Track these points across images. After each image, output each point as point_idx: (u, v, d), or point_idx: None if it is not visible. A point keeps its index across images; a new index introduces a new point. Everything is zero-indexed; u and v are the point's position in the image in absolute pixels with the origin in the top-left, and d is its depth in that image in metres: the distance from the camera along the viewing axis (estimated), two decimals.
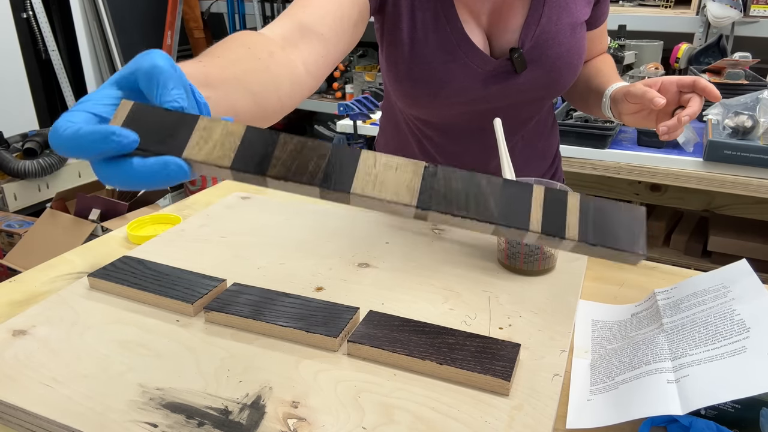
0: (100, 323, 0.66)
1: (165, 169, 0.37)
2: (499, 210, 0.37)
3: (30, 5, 2.53)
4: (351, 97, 2.66)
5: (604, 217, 0.38)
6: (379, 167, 0.38)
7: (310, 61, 0.65)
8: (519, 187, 0.38)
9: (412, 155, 0.96)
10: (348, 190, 0.37)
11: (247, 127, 0.38)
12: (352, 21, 0.72)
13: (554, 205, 0.38)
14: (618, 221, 0.38)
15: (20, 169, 2.13)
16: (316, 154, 0.38)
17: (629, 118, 0.82)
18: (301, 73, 0.63)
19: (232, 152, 0.37)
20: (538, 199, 0.38)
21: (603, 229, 0.37)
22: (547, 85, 0.85)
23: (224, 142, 0.37)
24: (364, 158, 0.38)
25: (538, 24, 0.81)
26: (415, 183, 0.38)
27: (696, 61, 1.99)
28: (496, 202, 0.38)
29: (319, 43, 0.67)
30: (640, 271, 0.80)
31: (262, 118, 0.57)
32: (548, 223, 0.37)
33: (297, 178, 0.37)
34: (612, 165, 1.63)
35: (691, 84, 0.75)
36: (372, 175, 0.38)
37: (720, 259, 1.85)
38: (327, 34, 0.68)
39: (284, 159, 0.37)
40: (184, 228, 0.89)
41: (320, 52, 0.67)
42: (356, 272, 0.77)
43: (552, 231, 0.37)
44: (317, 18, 0.68)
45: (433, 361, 0.58)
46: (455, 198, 0.38)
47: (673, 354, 0.55)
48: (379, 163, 0.38)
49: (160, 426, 0.52)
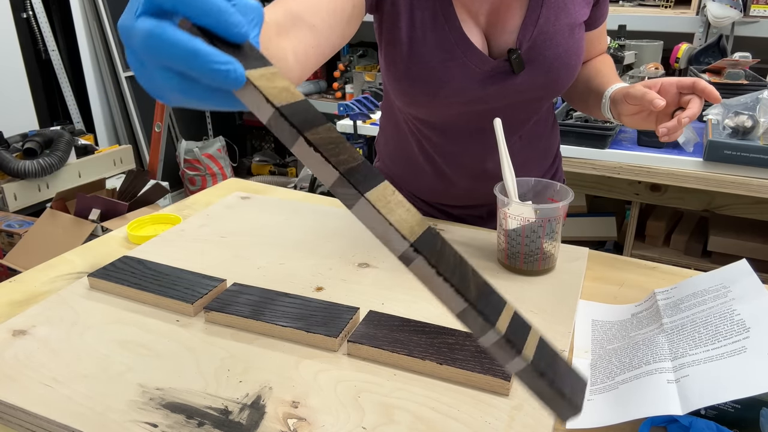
0: (100, 323, 0.66)
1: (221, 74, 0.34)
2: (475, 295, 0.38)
3: (30, 5, 2.53)
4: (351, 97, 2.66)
5: (557, 361, 0.39)
6: (395, 199, 0.39)
7: (300, 50, 0.65)
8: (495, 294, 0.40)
9: (412, 155, 0.96)
10: (363, 192, 0.37)
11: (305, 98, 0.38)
12: (346, 15, 0.73)
13: (520, 325, 0.39)
14: (566, 373, 0.39)
15: (20, 169, 2.13)
16: (349, 153, 0.39)
17: (629, 119, 0.82)
18: (290, 62, 0.63)
19: (284, 101, 0.37)
20: (509, 311, 0.39)
21: (553, 368, 0.38)
22: (545, 85, 0.85)
23: (282, 92, 0.37)
24: (385, 185, 0.39)
25: (536, 25, 0.81)
26: (418, 229, 0.39)
27: (696, 61, 1.99)
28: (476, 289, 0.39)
29: (310, 34, 0.67)
30: (640, 271, 0.81)
31: None
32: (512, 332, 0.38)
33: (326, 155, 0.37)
34: (612, 165, 1.63)
35: (691, 85, 0.75)
36: (385, 200, 0.38)
37: (720, 259, 1.85)
38: (319, 26, 0.68)
39: (323, 136, 0.38)
40: (184, 228, 0.89)
41: (311, 43, 0.67)
42: (356, 272, 0.77)
43: (513, 340, 0.37)
44: (310, 9, 0.68)
45: (433, 361, 0.58)
46: (445, 262, 0.39)
47: (673, 354, 0.55)
48: (397, 198, 0.39)
49: (160, 426, 0.52)
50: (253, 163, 3.50)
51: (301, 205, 0.97)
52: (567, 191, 0.77)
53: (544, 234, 0.74)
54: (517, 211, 0.73)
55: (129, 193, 2.21)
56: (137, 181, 2.24)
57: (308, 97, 2.96)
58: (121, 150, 2.57)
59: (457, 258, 0.40)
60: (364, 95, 2.11)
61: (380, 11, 0.82)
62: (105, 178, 2.33)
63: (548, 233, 0.74)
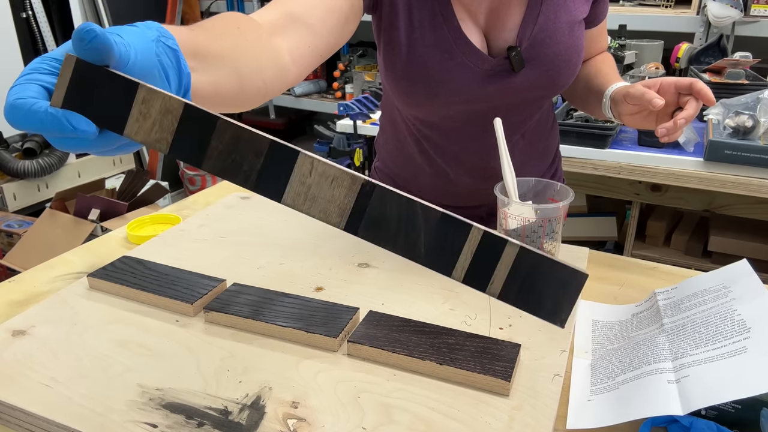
0: (99, 323, 0.66)
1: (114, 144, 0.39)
2: (426, 248, 0.35)
3: (30, 5, 2.52)
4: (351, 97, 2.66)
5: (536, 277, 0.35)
6: (314, 176, 0.36)
7: (296, 50, 0.65)
8: (456, 225, 0.36)
9: (411, 155, 0.96)
10: (279, 199, 0.36)
11: (185, 104, 0.36)
12: (343, 16, 0.72)
13: (487, 254, 0.36)
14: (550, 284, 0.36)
15: (20, 169, 2.13)
16: (252, 150, 0.36)
17: (629, 118, 0.82)
18: (287, 62, 0.63)
19: (170, 136, 0.36)
20: (472, 242, 0.36)
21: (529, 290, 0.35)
22: (546, 84, 0.85)
23: (162, 121, 0.36)
24: (300, 164, 0.36)
25: (535, 23, 0.81)
26: (347, 202, 0.36)
27: (696, 61, 1.99)
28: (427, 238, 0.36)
29: (307, 34, 0.67)
30: (641, 271, 0.80)
31: (243, 100, 0.57)
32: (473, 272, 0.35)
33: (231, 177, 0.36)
34: (612, 165, 1.62)
35: (689, 86, 0.75)
36: (306, 185, 0.36)
37: (720, 259, 1.85)
38: (316, 26, 0.68)
39: (221, 150, 0.36)
40: (184, 228, 0.89)
41: (307, 43, 0.67)
42: (356, 272, 0.77)
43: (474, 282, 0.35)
44: (307, 9, 0.68)
45: (433, 362, 0.57)
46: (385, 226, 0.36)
47: (674, 354, 0.55)
48: (316, 172, 0.36)
49: (159, 426, 0.52)
50: None
51: None
52: (567, 191, 0.77)
53: (545, 234, 0.74)
54: (518, 211, 0.73)
55: (129, 193, 2.21)
56: (137, 181, 2.24)
57: (308, 96, 2.96)
58: None
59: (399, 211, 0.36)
60: (364, 95, 2.11)
61: (378, 12, 0.82)
62: (104, 178, 2.33)
63: (548, 233, 0.74)
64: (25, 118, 0.36)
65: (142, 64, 0.39)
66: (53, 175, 2.26)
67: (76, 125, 0.36)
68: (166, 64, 0.42)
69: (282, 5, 0.67)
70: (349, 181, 0.36)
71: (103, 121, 0.37)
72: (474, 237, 0.36)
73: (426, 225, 0.36)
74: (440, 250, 0.36)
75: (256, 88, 0.57)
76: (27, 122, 0.36)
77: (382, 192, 0.36)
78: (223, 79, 0.52)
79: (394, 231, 0.36)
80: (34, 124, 0.36)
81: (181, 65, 0.43)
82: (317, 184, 0.36)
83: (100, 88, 0.36)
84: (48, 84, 0.38)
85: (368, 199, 0.36)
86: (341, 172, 0.36)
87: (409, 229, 0.36)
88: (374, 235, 0.36)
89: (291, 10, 0.67)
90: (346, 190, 0.36)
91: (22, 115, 0.36)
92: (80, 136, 0.37)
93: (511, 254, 0.36)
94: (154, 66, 0.41)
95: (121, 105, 0.36)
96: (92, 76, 0.36)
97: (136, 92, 0.36)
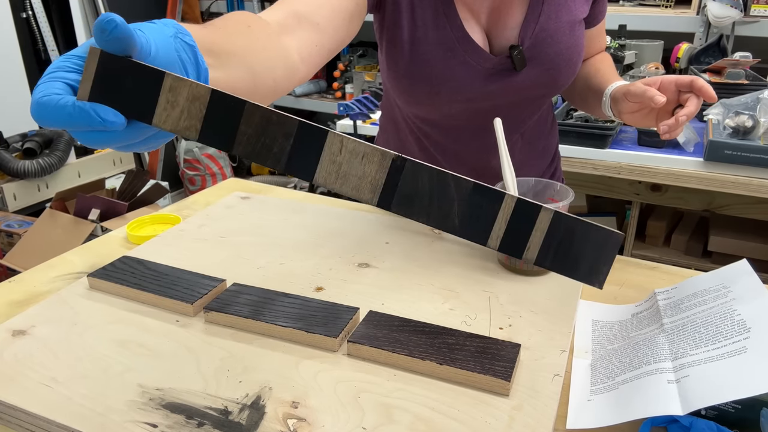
0: (99, 323, 0.66)
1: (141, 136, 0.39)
2: (460, 218, 0.36)
3: (30, 5, 2.52)
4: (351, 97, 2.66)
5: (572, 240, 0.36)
6: (345, 154, 0.36)
7: (304, 49, 0.66)
8: (489, 194, 0.36)
9: (412, 154, 0.96)
10: (311, 179, 0.36)
11: (212, 90, 0.37)
12: (348, 14, 0.73)
13: (521, 220, 0.36)
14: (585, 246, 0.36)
15: (20, 169, 2.13)
16: (281, 132, 0.36)
17: (629, 117, 0.83)
18: (295, 61, 0.64)
19: (198, 123, 0.36)
20: (506, 210, 0.36)
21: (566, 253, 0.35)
22: (547, 82, 0.85)
23: (191, 108, 0.36)
24: (330, 143, 0.36)
25: (537, 22, 0.82)
26: (379, 178, 0.36)
27: (696, 61, 1.99)
28: (460, 208, 0.36)
29: (314, 33, 0.68)
30: (641, 271, 0.80)
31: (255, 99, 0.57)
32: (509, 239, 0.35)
33: (262, 160, 0.36)
34: (612, 165, 1.63)
35: (689, 83, 0.75)
36: (336, 164, 0.36)
37: (720, 259, 1.85)
38: (322, 24, 0.69)
39: (250, 134, 0.36)
40: (184, 228, 0.89)
41: (314, 42, 0.67)
42: (356, 272, 0.77)
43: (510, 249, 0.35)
44: (313, 8, 0.68)
45: (433, 362, 0.57)
46: (418, 199, 0.36)
47: (674, 354, 0.55)
48: (346, 150, 0.36)
49: (159, 426, 0.52)
50: (253, 163, 3.50)
51: (301, 205, 0.97)
52: (567, 191, 0.77)
53: None
54: None
55: (129, 193, 2.21)
56: (137, 181, 2.23)
57: (308, 96, 2.96)
58: None
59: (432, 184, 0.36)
60: (364, 95, 2.11)
61: (381, 10, 0.82)
62: (105, 178, 2.33)
63: None
64: (53, 114, 0.36)
65: (163, 58, 0.39)
66: (53, 175, 2.26)
67: (104, 117, 0.36)
68: (185, 59, 0.42)
69: (288, 5, 0.67)
70: (379, 157, 0.36)
71: (131, 111, 0.37)
72: (507, 205, 0.36)
73: (459, 196, 0.36)
74: (474, 220, 0.36)
75: (267, 87, 0.57)
76: (55, 118, 0.36)
77: (414, 166, 0.36)
78: (238, 77, 0.52)
79: (427, 203, 0.36)
80: (63, 118, 0.36)
81: (198, 61, 0.43)
82: (348, 161, 0.36)
83: (125, 79, 0.36)
84: (72, 81, 0.38)
85: (400, 174, 0.36)
86: (371, 149, 0.36)
87: (442, 201, 0.36)
88: (407, 209, 0.36)
89: (297, 10, 0.67)
90: (377, 166, 0.36)
91: (50, 111, 0.36)
92: (108, 128, 0.37)
93: (545, 220, 0.36)
94: (175, 61, 0.41)
95: (148, 94, 0.36)
96: (117, 67, 0.36)
97: (163, 81, 0.36)
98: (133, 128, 0.38)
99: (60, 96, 0.36)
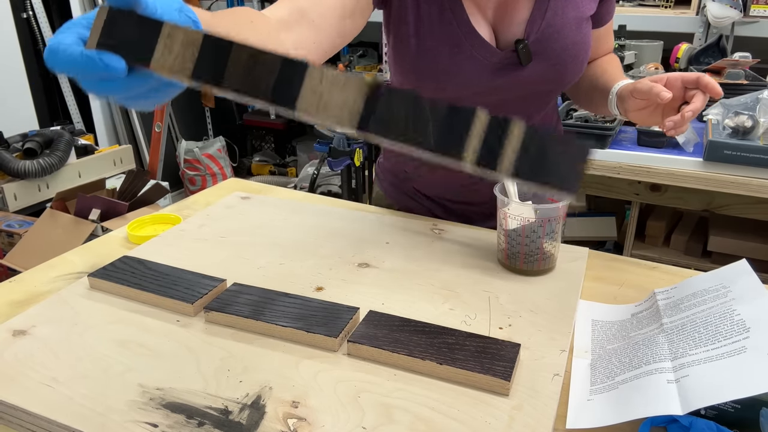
0: (100, 323, 0.66)
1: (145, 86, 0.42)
2: (435, 137, 0.38)
3: (30, 5, 2.53)
4: None
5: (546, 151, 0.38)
6: (325, 84, 0.39)
7: (301, 46, 0.66)
8: (463, 113, 0.39)
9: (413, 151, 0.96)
10: (293, 108, 0.39)
11: (204, 35, 0.40)
12: (348, 11, 0.74)
13: (495, 134, 0.38)
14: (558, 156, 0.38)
15: (20, 169, 2.13)
16: (266, 70, 0.40)
17: (636, 114, 0.83)
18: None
19: (191, 63, 0.40)
20: (479, 126, 0.38)
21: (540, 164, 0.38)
22: (553, 78, 0.85)
23: (185, 53, 0.40)
24: (310, 74, 0.39)
25: (543, 17, 0.82)
26: (357, 104, 0.39)
27: (696, 61, 1.99)
28: (436, 128, 0.38)
29: (311, 30, 0.68)
30: (640, 271, 0.81)
31: None
32: (484, 153, 0.38)
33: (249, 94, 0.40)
34: (612, 165, 1.63)
35: (695, 80, 0.76)
36: (317, 93, 0.39)
37: (720, 259, 1.85)
38: (317, 21, 0.69)
39: (238, 73, 0.40)
40: (184, 228, 0.89)
41: (312, 39, 0.68)
42: (356, 272, 0.77)
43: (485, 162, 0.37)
44: (315, 6, 0.69)
45: (433, 361, 0.58)
46: (395, 122, 0.38)
47: (673, 354, 0.55)
48: (326, 79, 0.39)
49: (160, 426, 0.52)
50: (253, 163, 3.50)
51: (301, 205, 0.97)
52: None
53: (544, 234, 0.74)
54: (517, 211, 0.73)
55: (129, 193, 2.21)
56: (137, 181, 2.24)
57: None
58: (121, 150, 2.57)
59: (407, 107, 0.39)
60: None
61: (388, 7, 0.83)
62: (105, 178, 2.33)
63: (548, 233, 0.74)
64: (62, 59, 0.40)
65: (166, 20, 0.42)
66: (54, 175, 2.26)
67: (107, 62, 0.40)
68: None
69: (292, 1, 0.68)
70: (357, 85, 0.39)
71: (133, 58, 0.40)
72: (480, 120, 0.39)
73: (434, 116, 0.39)
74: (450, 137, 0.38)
75: None
76: (64, 63, 0.40)
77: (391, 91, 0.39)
78: None
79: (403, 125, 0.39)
80: (70, 64, 0.40)
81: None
82: (328, 90, 0.39)
83: (129, 30, 0.40)
84: (84, 36, 0.42)
85: (377, 100, 0.39)
86: (350, 77, 0.39)
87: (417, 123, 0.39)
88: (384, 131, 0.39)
89: (300, 7, 0.69)
90: (356, 94, 0.39)
91: (60, 56, 0.40)
92: (112, 75, 0.40)
93: (518, 133, 0.38)
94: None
95: (148, 41, 0.40)
96: (122, 19, 0.40)
97: (161, 29, 0.40)
98: (135, 77, 0.42)
99: (70, 45, 0.40)
